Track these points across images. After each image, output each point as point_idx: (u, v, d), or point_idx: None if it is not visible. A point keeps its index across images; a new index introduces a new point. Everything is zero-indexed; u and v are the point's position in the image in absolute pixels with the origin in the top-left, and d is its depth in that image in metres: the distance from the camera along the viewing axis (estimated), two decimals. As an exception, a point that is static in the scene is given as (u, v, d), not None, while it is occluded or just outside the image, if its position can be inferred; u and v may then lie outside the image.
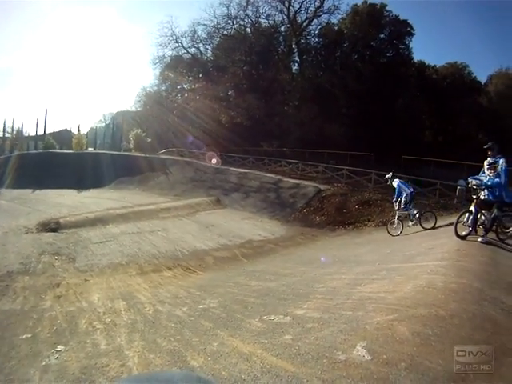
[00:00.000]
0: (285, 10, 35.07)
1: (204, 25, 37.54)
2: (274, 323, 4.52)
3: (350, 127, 29.90)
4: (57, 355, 4.56)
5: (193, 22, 38.21)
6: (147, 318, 5.56)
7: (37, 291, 7.73)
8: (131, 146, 36.23)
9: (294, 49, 36.16)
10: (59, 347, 4.77)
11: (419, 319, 3.65)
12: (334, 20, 35.20)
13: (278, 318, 4.66)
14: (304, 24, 35.17)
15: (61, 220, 14.63)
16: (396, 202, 12.25)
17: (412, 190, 12.05)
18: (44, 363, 4.40)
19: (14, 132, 53.04)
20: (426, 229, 11.10)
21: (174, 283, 7.84)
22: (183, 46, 38.67)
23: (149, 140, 35.12)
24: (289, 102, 34.35)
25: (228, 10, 35.88)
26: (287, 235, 13.49)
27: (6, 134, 52.56)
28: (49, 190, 23.66)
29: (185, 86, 41.36)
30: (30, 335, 5.40)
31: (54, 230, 13.45)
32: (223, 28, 37.14)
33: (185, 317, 5.37)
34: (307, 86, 32.50)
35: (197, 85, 39.93)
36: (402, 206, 11.95)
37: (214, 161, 25.96)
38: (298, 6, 34.74)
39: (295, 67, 37.28)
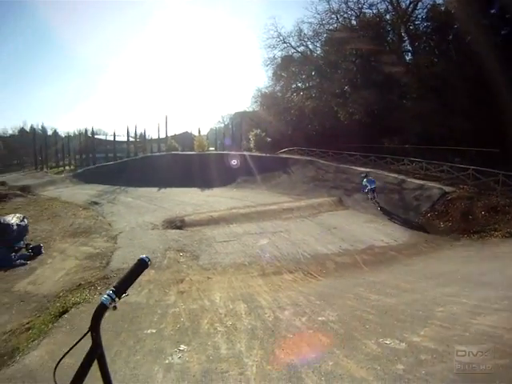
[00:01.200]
0: (387, -5, 32.97)
1: (308, 22, 36.98)
2: (389, 348, 4.38)
3: (473, 120, 26.94)
4: (180, 355, 4.81)
5: (297, 21, 38.16)
6: (267, 325, 5.62)
7: (161, 285, 8.28)
8: (251, 145, 37.03)
9: (403, 37, 33.38)
10: (182, 346, 5.03)
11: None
12: (439, 0, 31.92)
13: (393, 342, 4.50)
14: (409, 9, 32.44)
15: (186, 218, 15.45)
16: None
17: (374, 185, 17.65)
18: (167, 361, 4.66)
19: (138, 136, 57.86)
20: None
21: (294, 288, 7.82)
22: (292, 46, 38.51)
23: (268, 139, 35.58)
24: (406, 94, 32.02)
25: (329, 4, 35.00)
26: (410, 242, 12.72)
27: (130, 139, 57.05)
28: (173, 189, 25.24)
29: (299, 85, 40.88)
30: (154, 330, 5.78)
31: (179, 228, 14.29)
32: (328, 23, 36.17)
33: (304, 328, 5.33)
34: (423, 75, 29.80)
35: (311, 83, 39.48)
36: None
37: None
38: (399, -10, 32.22)
39: (408, 57, 34.77)
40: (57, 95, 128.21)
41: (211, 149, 45.28)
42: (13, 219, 14.61)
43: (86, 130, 62.01)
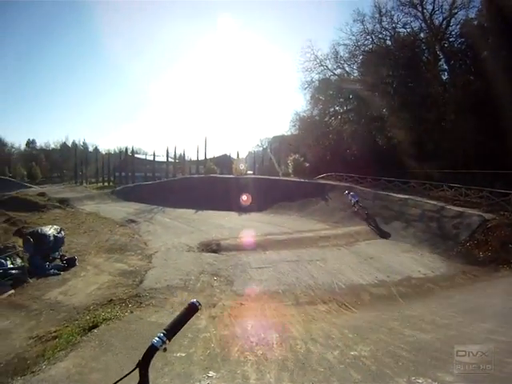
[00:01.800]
0: (419, 14, 32.66)
1: (344, 44, 37.09)
2: (420, 388, 4.27)
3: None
4: (208, 381, 4.86)
5: (333, 43, 38.20)
6: (298, 357, 5.58)
7: (194, 309, 8.34)
8: (290, 170, 36.98)
9: (439, 55, 32.73)
10: (211, 373, 5.08)
11: None
12: (471, 14, 31.38)
13: (426, 381, 4.38)
14: (443, 26, 31.73)
15: (222, 242, 15.56)
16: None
17: (357, 198, 21.93)
18: (195, 387, 4.72)
19: (177, 157, 59.14)
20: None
21: (328, 320, 7.75)
22: (328, 68, 38.54)
23: (307, 165, 35.40)
24: (444, 116, 31.16)
25: (363, 25, 35.05)
26: (448, 273, 12.33)
27: (170, 159, 58.19)
28: (210, 212, 25.47)
29: (337, 109, 40.47)
30: (183, 354, 5.84)
31: (214, 251, 14.41)
32: (363, 44, 36.09)
33: (335, 362, 5.28)
34: (460, 95, 28.96)
35: (348, 106, 39.24)
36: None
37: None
38: (431, 7, 32.01)
39: (445, 76, 33.83)
40: (100, 114, 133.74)
41: (249, 172, 45.36)
42: (50, 230, 15.45)
43: (126, 149, 64.15)
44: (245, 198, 27.77)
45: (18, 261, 13.69)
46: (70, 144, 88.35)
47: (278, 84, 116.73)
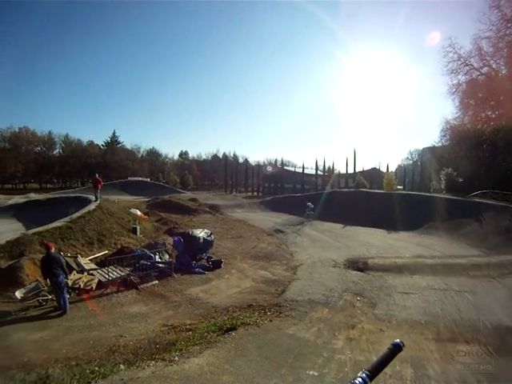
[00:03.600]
0: None
1: (486, 37, 32.24)
2: None
3: None
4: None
5: (474, 38, 33.41)
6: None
7: (331, 327, 8.35)
8: (442, 186, 34.72)
9: None
10: (340, 398, 5.00)
11: None
12: None
13: None
14: None
15: (369, 261, 15.32)
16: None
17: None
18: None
19: (326, 170, 59.74)
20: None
21: (466, 363, 6.93)
22: (474, 68, 34.28)
23: (460, 180, 32.72)
24: None
25: (500, 11, 30.34)
26: None
27: (318, 172, 58.75)
28: (358, 228, 25.22)
29: (488, 114, 36.03)
30: (316, 373, 5.88)
31: (360, 270, 14.24)
32: (506, 34, 30.95)
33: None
34: None
35: (500, 110, 34.23)
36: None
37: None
38: None
39: None
40: (249, 127, 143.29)
41: (399, 187, 43.83)
42: (201, 233, 17.10)
43: (276, 161, 66.80)
44: (393, 215, 26.57)
45: (166, 256, 15.46)
46: (220, 155, 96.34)
47: (425, 90, 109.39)
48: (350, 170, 53.28)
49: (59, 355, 7.47)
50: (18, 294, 10.76)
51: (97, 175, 26.98)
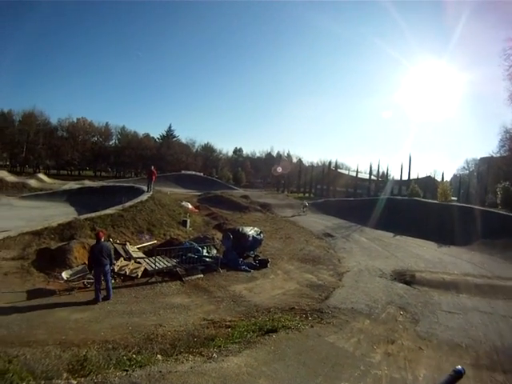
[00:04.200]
0: None
1: None
2: None
3: None
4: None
5: None
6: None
7: (371, 339, 8.36)
8: (498, 200, 33.32)
9: None
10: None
11: None
12: None
13: None
14: None
15: (416, 274, 15.00)
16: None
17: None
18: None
19: (379, 175, 58.84)
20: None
21: None
22: None
23: (518, 195, 30.79)
24: None
25: None
26: None
27: (372, 177, 58.09)
28: (409, 238, 24.47)
29: None
30: (348, 385, 5.98)
31: (407, 283, 13.99)
32: None
33: None
34: None
35: None
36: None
37: None
38: None
39: None
40: (304, 127, 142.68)
41: (453, 199, 42.25)
42: (251, 231, 17.25)
43: (329, 162, 66.49)
44: (445, 228, 25.74)
45: (214, 251, 15.79)
46: (274, 154, 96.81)
47: (484, 96, 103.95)
48: (405, 177, 52.38)
49: (97, 337, 7.79)
50: (65, 275, 11.34)
51: (152, 167, 28.20)
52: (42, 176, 52.81)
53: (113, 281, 11.67)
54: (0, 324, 8.14)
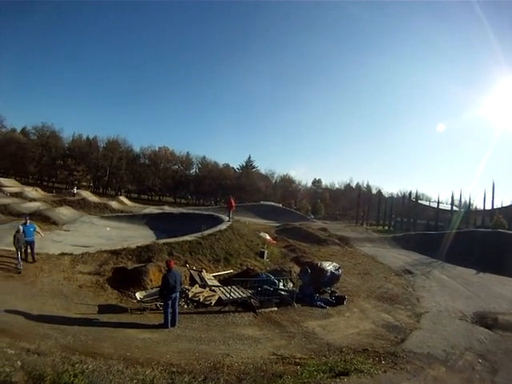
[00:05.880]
0: None
1: None
2: None
3: None
4: None
5: None
6: None
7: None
8: None
9: None
10: None
11: None
12: None
13: None
14: None
15: (499, 317, 14.15)
16: None
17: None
18: None
19: (461, 205, 56.34)
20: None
21: None
22: None
23: None
24: None
25: None
26: None
27: (454, 207, 55.61)
28: (492, 276, 23.14)
29: None
30: None
31: (488, 327, 13.18)
32: None
33: None
34: None
35: None
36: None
37: None
38: None
39: None
40: (384, 158, 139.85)
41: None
42: (329, 266, 17.10)
43: (410, 193, 64.85)
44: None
45: (290, 284, 15.84)
46: (353, 185, 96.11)
47: None
48: (488, 205, 49.98)
49: (162, 359, 7.92)
50: (139, 295, 12.11)
51: (231, 197, 29.24)
52: (123, 199, 56.66)
53: (185, 306, 12.29)
54: (68, 332, 8.79)
